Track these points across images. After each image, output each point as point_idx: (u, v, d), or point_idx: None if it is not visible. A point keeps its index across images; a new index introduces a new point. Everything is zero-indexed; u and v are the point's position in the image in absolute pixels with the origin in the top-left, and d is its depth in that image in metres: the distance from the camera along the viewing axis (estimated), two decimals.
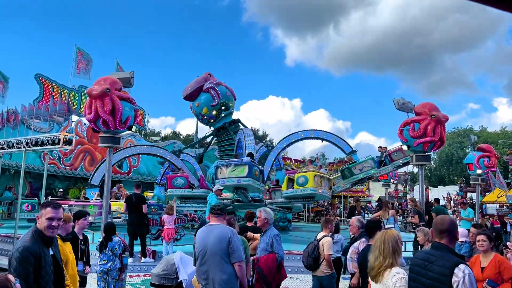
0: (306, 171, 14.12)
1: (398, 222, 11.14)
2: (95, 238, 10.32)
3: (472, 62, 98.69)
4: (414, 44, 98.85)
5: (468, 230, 14.58)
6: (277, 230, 5.80)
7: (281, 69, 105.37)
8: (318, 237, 5.95)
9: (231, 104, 18.19)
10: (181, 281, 5.72)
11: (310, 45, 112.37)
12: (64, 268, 3.76)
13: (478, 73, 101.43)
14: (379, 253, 3.08)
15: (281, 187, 15.96)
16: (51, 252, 3.34)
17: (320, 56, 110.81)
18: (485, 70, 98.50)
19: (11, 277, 2.50)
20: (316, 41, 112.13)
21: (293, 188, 14.14)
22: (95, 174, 16.73)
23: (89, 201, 15.23)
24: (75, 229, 5.58)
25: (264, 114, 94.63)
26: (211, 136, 19.38)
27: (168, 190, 15.87)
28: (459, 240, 7.11)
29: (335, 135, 18.34)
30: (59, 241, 4.12)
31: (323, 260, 5.77)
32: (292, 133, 17.96)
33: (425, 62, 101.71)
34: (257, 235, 6.25)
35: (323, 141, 18.06)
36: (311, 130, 18.11)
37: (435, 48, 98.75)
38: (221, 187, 12.03)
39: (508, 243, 6.56)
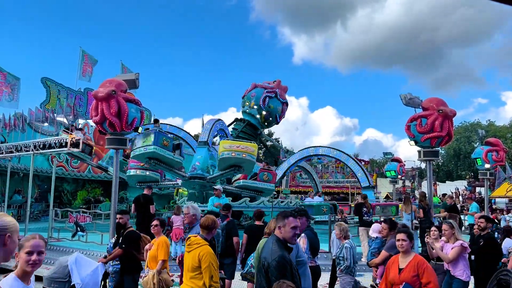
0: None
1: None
2: (105, 239, 10.37)
3: (480, 56, 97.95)
4: (421, 40, 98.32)
5: (473, 224, 14.58)
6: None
7: (288, 67, 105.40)
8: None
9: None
10: (73, 285, 5.32)
11: (317, 43, 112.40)
12: None
13: (486, 68, 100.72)
14: None
15: None
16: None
17: (327, 54, 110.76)
18: (493, 65, 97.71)
19: (290, 282, 2.86)
20: (323, 39, 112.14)
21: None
22: None
23: None
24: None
25: None
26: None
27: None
28: (372, 235, 6.90)
29: (359, 164, 18.69)
30: None
31: None
32: (309, 147, 18.31)
33: (432, 57, 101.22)
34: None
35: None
36: (329, 148, 18.40)
37: (443, 43, 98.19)
38: (220, 187, 12.04)
39: (432, 228, 6.40)
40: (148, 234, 10.14)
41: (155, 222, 6.02)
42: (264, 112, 18.45)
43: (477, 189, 31.33)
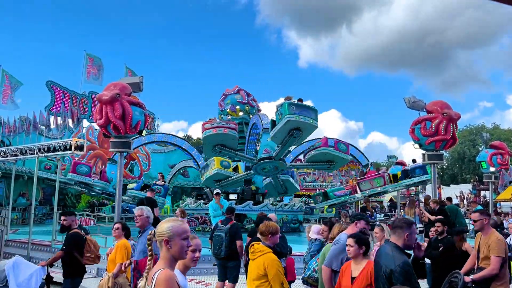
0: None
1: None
2: (108, 243, 10.38)
3: (486, 59, 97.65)
4: (427, 42, 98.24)
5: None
6: (288, 231, 5.61)
7: (294, 70, 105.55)
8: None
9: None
10: None
11: (323, 46, 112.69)
12: None
13: (492, 70, 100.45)
14: None
15: None
16: None
17: (333, 57, 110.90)
18: (500, 67, 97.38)
19: None
20: (329, 42, 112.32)
21: None
22: None
23: None
24: None
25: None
26: None
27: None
28: (311, 237, 6.64)
29: (352, 145, 18.30)
30: None
31: None
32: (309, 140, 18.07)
33: (439, 60, 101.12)
34: None
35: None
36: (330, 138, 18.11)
37: (449, 46, 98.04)
38: (218, 190, 12.09)
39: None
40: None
41: (116, 226, 5.82)
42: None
43: (482, 192, 31.15)
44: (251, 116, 18.88)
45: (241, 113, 19.14)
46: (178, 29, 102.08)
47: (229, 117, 18.72)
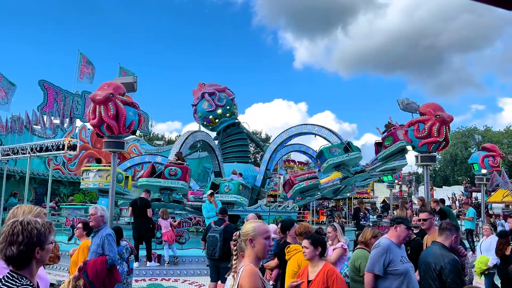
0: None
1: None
2: None
3: (480, 62, 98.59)
4: (422, 45, 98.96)
5: (470, 229, 14.60)
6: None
7: (289, 72, 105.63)
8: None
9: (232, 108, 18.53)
10: None
11: (318, 48, 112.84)
12: None
13: (486, 73, 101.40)
14: None
15: None
16: None
17: (329, 59, 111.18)
18: (493, 70, 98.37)
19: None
20: (325, 44, 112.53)
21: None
22: None
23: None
24: None
25: (270, 117, 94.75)
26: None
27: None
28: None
29: (324, 127, 17.09)
30: None
31: None
32: (282, 132, 18.05)
33: (433, 63, 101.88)
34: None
35: (316, 136, 17.66)
36: (302, 125, 17.80)
37: (444, 49, 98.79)
38: (212, 191, 12.26)
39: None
40: (145, 237, 10.19)
41: (79, 225, 5.69)
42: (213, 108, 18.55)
43: (474, 194, 31.43)
44: (228, 115, 18.54)
45: (217, 120, 18.81)
46: (174, 30, 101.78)
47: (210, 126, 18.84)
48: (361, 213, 12.56)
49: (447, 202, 25.39)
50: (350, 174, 14.50)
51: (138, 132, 10.08)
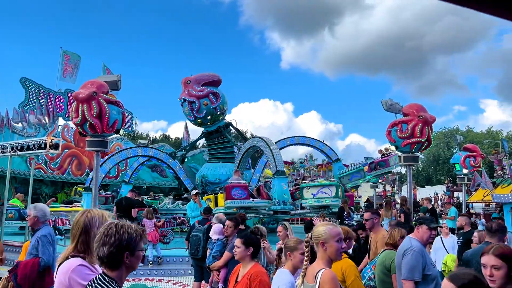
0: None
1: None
2: None
3: (463, 64, 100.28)
4: (407, 47, 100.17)
5: (452, 228, 14.91)
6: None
7: (276, 72, 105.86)
8: None
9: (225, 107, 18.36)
10: None
11: (305, 49, 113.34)
12: None
13: (468, 75, 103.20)
14: None
15: None
16: None
17: (315, 59, 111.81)
18: (475, 72, 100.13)
19: None
20: (312, 44, 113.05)
21: None
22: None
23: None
24: None
25: (256, 117, 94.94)
26: (190, 142, 19.45)
27: (227, 201, 14.00)
28: (212, 237, 6.51)
29: (321, 141, 18.82)
30: None
31: None
32: (279, 140, 18.27)
33: (417, 64, 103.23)
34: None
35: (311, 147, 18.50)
36: (298, 136, 18.36)
37: (428, 51, 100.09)
38: (197, 190, 12.19)
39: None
40: None
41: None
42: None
43: (456, 193, 31.94)
44: (209, 123, 18.00)
45: (203, 126, 18.45)
46: (160, 28, 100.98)
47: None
48: (345, 213, 12.63)
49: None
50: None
51: (121, 131, 9.99)
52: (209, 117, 17.76)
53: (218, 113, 17.75)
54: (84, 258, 2.50)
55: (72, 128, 21.37)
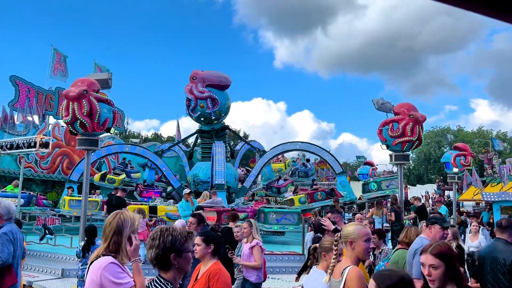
0: None
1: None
2: (74, 242, 10.13)
3: (454, 64, 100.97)
4: (400, 47, 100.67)
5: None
6: None
7: (269, 71, 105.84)
8: None
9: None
10: None
11: (299, 48, 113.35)
12: None
13: (460, 75, 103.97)
14: None
15: None
16: None
17: (308, 59, 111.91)
18: (466, 72, 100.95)
19: None
20: (305, 44, 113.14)
21: None
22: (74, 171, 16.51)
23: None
24: None
25: (249, 116, 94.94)
26: (195, 136, 19.33)
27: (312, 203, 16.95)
28: None
29: (329, 152, 18.05)
30: None
31: None
32: (286, 143, 18.13)
33: (410, 64, 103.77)
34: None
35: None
36: (307, 143, 18.05)
37: (420, 51, 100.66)
38: (188, 190, 12.18)
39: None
40: None
41: None
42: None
43: (446, 192, 32.20)
44: (208, 120, 17.49)
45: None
46: (153, 26, 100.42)
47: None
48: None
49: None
50: None
51: (112, 130, 9.92)
52: (202, 119, 17.46)
53: (213, 118, 17.28)
54: (115, 258, 2.56)
55: (63, 126, 21.19)
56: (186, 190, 12.16)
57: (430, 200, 33.40)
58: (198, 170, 18.08)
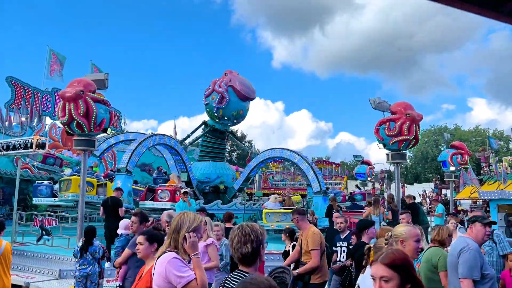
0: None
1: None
2: (71, 243, 10.11)
3: (452, 63, 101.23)
4: (397, 46, 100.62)
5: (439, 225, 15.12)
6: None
7: (267, 71, 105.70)
8: None
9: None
10: None
11: (296, 47, 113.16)
12: None
13: (457, 74, 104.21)
14: None
15: None
16: None
17: (306, 58, 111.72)
18: (464, 71, 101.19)
19: None
20: (303, 43, 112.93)
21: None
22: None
23: None
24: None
25: (247, 116, 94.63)
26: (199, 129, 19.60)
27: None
28: (118, 232, 6.45)
29: (314, 171, 16.88)
30: None
31: None
32: (273, 148, 18.46)
33: (407, 63, 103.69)
34: None
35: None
36: (297, 154, 17.76)
37: (418, 50, 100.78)
38: (186, 189, 12.16)
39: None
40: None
41: None
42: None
43: (443, 191, 32.28)
44: (210, 113, 18.18)
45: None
46: (150, 26, 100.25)
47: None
48: (334, 210, 12.69)
49: (418, 199, 26.02)
50: None
51: (109, 130, 9.91)
52: (208, 110, 18.15)
53: (215, 114, 17.89)
54: (177, 254, 2.81)
55: (59, 127, 21.14)
56: (183, 189, 12.13)
57: (427, 199, 33.48)
58: (195, 170, 18.13)
